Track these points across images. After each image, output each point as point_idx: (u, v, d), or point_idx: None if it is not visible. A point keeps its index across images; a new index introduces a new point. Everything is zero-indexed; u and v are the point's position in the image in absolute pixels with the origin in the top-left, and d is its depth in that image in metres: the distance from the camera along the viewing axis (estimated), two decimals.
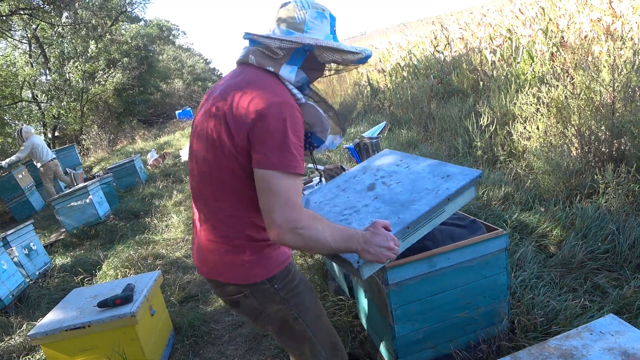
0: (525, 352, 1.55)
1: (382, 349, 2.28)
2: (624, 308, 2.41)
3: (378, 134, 3.26)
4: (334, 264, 3.04)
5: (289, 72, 1.48)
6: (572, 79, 5.00)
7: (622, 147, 3.82)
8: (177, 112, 21.81)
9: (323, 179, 3.20)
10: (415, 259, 1.96)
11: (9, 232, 4.93)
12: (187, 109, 21.54)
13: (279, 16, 1.54)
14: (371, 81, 10.68)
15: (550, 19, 6.76)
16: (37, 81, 15.68)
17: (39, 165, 8.56)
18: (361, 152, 3.24)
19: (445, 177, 1.93)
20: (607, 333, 1.56)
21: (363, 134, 3.32)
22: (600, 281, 2.71)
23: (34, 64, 16.06)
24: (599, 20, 5.74)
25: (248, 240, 1.54)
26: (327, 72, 1.66)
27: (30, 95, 15.61)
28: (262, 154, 1.37)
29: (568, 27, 6.30)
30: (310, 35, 1.50)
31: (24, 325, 3.92)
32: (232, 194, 1.50)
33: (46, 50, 16.62)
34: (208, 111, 1.53)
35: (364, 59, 1.56)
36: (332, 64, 1.61)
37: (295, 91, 1.50)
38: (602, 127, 3.90)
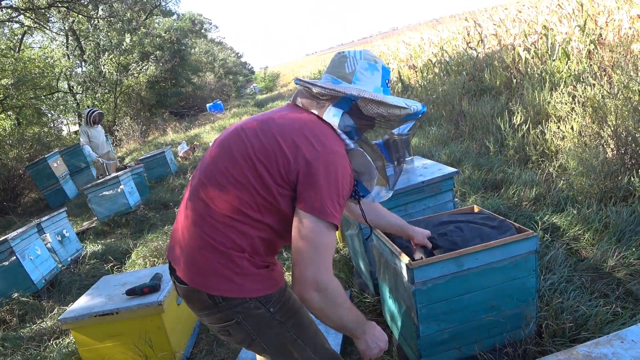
0: (552, 358, 1.51)
1: (406, 348, 2.26)
2: None
3: (408, 131, 3.22)
4: (360, 260, 3.03)
5: (332, 116, 1.48)
6: (610, 78, 4.86)
7: None
8: (208, 105, 22.03)
9: None
10: (443, 258, 1.94)
11: (44, 218, 5.07)
12: (218, 102, 21.74)
13: (332, 65, 1.58)
14: (402, 77, 10.58)
15: (588, 16, 6.58)
16: (73, 73, 16.06)
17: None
18: (390, 148, 3.20)
19: None
20: None
21: (393, 130, 3.29)
22: (633, 287, 2.62)
23: (70, 56, 16.46)
24: (639, 17, 5.55)
25: (249, 254, 1.47)
26: (380, 126, 1.62)
27: (66, 86, 16.01)
28: (309, 195, 1.37)
29: (607, 24, 6.12)
30: (358, 86, 1.51)
31: (55, 309, 4.03)
32: (254, 205, 1.44)
33: (82, 43, 17.02)
34: (253, 126, 1.52)
35: (412, 115, 1.56)
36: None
37: (343, 136, 1.50)
38: None
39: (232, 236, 1.43)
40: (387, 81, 1.59)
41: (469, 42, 9.34)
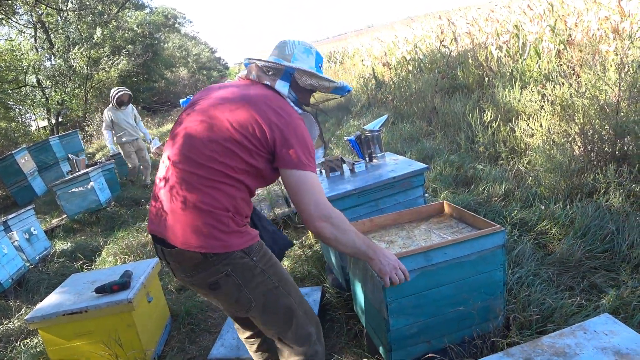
0: (518, 349, 1.55)
1: (377, 341, 2.28)
2: (620, 308, 2.40)
3: (380, 127, 3.25)
4: (332, 256, 3.04)
5: (282, 87, 1.78)
6: (578, 77, 4.97)
7: (625, 147, 3.80)
8: (181, 100, 21.67)
9: (323, 171, 3.19)
10: (411, 252, 1.96)
11: (10, 216, 4.95)
12: (191, 98, 21.50)
13: (275, 49, 1.87)
14: (376, 74, 10.63)
15: (558, 16, 6.71)
16: (42, 66, 15.63)
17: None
18: (362, 144, 3.23)
19: None
20: (601, 332, 1.55)
21: (364, 127, 3.31)
22: (597, 280, 2.70)
23: (39, 49, 16.03)
24: (607, 19, 5.69)
25: (232, 214, 1.66)
26: (315, 100, 1.97)
27: (34, 80, 15.59)
28: (286, 154, 1.63)
29: (576, 25, 6.25)
30: (297, 64, 1.80)
31: (23, 309, 3.94)
32: (236, 168, 1.64)
33: (51, 36, 16.57)
34: (223, 99, 1.72)
35: (340, 89, 1.88)
36: (318, 93, 1.92)
37: (291, 104, 1.79)
38: (606, 127, 3.87)
39: (218, 197, 1.63)
40: (319, 65, 1.88)
41: (443, 40, 9.43)
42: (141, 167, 8.03)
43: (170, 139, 1.79)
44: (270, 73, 1.79)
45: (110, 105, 7.40)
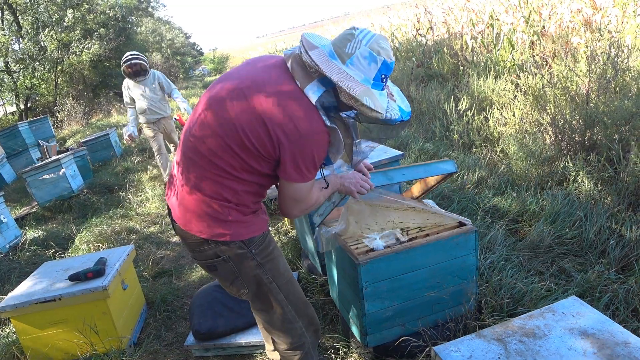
0: (489, 330, 1.60)
1: (352, 326, 2.32)
2: (587, 291, 2.50)
3: (353, 116, 3.26)
4: (308, 242, 3.06)
5: (312, 93, 1.51)
6: (550, 68, 5.06)
7: (594, 137, 3.90)
8: None
9: None
10: (374, 171, 2.02)
11: None
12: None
13: (339, 37, 1.56)
14: None
15: (532, 8, 6.81)
16: (10, 50, 15.12)
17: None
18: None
19: None
20: (569, 314, 1.61)
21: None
22: (566, 265, 2.79)
23: (7, 31, 15.49)
24: (579, 12, 5.80)
25: (235, 204, 1.66)
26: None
27: (1, 64, 15.08)
28: (291, 169, 1.57)
29: (550, 17, 6.35)
30: (348, 70, 1.50)
31: None
32: (238, 168, 1.61)
33: (19, 18, 16.03)
34: (241, 93, 1.56)
35: (387, 120, 1.59)
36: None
37: (322, 113, 1.54)
38: (576, 117, 3.97)
39: (220, 191, 1.63)
40: (382, 76, 1.56)
41: (419, 29, 9.48)
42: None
43: (188, 119, 1.74)
44: (311, 70, 1.52)
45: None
